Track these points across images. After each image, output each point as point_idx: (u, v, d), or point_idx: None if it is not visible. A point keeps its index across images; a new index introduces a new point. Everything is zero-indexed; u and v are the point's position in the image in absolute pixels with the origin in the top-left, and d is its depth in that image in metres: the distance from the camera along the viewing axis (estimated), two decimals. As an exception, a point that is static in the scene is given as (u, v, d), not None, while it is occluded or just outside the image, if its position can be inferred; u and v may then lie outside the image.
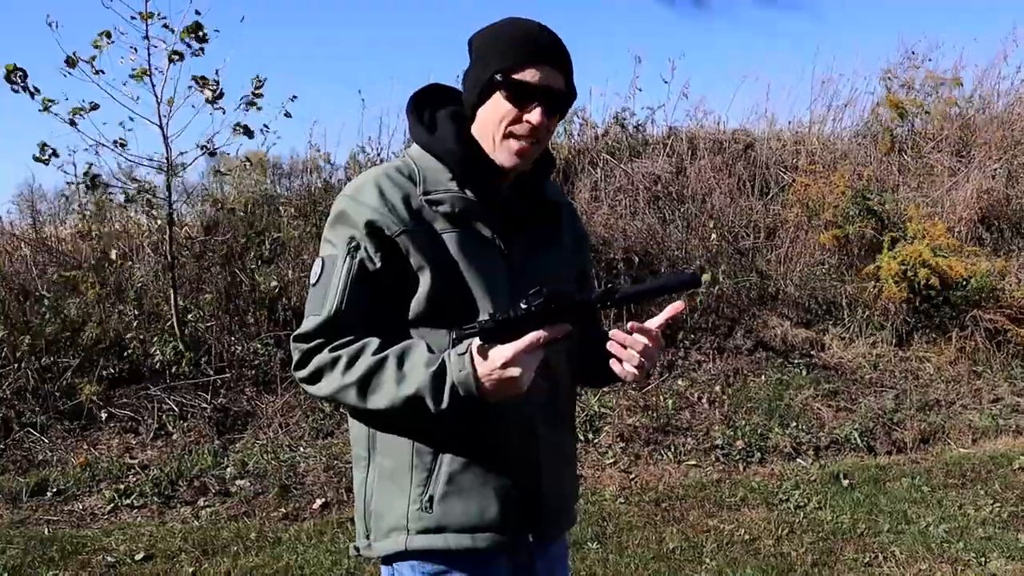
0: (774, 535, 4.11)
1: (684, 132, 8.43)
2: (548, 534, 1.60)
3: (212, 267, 6.17)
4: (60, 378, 5.36)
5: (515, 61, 1.44)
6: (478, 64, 1.50)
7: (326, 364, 1.42)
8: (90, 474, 4.76)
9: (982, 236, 7.67)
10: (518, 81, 1.44)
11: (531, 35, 1.46)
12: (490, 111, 1.48)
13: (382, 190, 1.46)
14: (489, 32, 1.50)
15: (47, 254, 6.46)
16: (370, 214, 1.44)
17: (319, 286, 1.46)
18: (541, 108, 1.44)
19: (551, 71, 1.45)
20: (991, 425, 5.71)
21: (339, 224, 1.48)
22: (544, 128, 1.47)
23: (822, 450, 5.33)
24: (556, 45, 1.47)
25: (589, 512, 4.38)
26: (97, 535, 4.14)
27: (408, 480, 1.48)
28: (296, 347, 1.47)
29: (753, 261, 7.22)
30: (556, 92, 1.47)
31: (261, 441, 5.13)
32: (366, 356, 1.40)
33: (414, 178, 1.49)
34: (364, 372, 1.39)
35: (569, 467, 1.68)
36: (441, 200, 1.47)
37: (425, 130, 1.54)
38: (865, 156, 8.36)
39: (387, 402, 1.37)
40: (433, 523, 1.47)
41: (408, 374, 1.37)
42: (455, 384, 1.34)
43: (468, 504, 1.47)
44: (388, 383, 1.37)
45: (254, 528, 4.23)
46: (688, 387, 5.92)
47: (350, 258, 1.44)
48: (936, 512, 4.37)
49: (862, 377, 6.23)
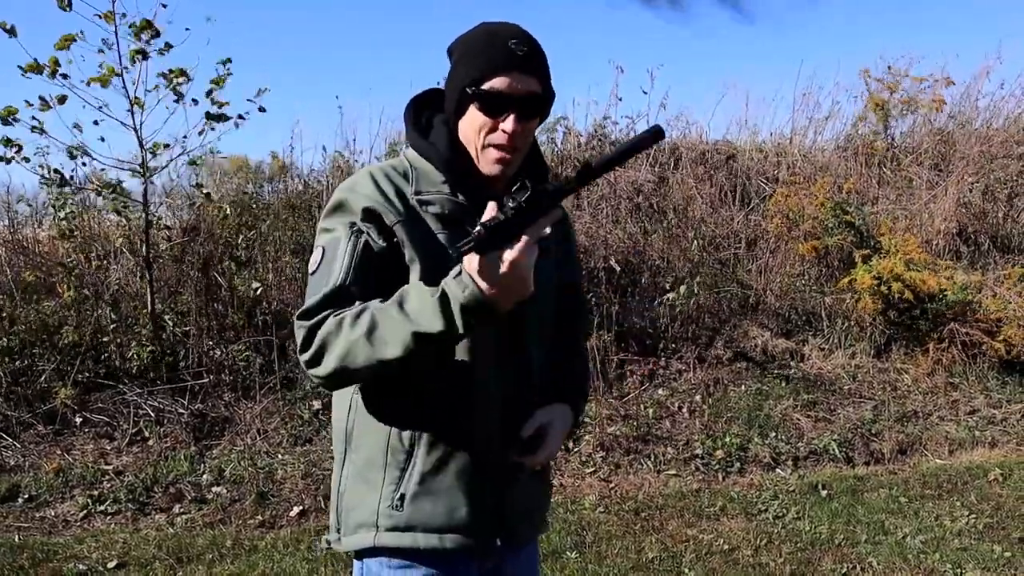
0: (753, 545, 4.12)
1: (667, 142, 8.47)
2: (517, 540, 1.61)
3: (191, 270, 6.11)
4: (35, 382, 5.27)
5: (484, 71, 1.43)
6: (453, 75, 1.50)
7: (331, 330, 1.38)
8: (63, 480, 4.68)
9: (959, 250, 7.75)
10: (488, 92, 1.43)
11: (499, 42, 1.44)
12: (467, 122, 1.48)
13: (378, 182, 1.48)
14: (462, 40, 1.50)
15: (23, 256, 6.37)
16: (369, 202, 1.45)
17: (321, 270, 1.45)
18: (515, 116, 1.44)
19: (523, 76, 1.44)
20: (967, 437, 5.76)
21: (338, 213, 1.48)
22: (520, 135, 1.46)
23: (801, 460, 5.35)
24: (527, 49, 1.45)
25: (568, 521, 4.37)
26: (69, 543, 4.07)
27: (381, 477, 1.49)
28: (300, 325, 1.42)
29: (734, 271, 7.25)
30: (529, 97, 1.45)
31: (238, 447, 5.08)
32: (369, 309, 1.37)
33: (408, 176, 1.52)
34: (371, 322, 1.35)
35: (540, 475, 1.68)
36: (432, 201, 1.49)
37: (420, 134, 1.55)
38: (846, 169, 8.44)
39: (400, 345, 1.33)
40: (403, 521, 1.48)
41: (414, 312, 1.33)
42: (464, 305, 1.30)
43: (437, 505, 1.48)
44: (397, 324, 1.33)
45: (230, 536, 4.17)
46: (668, 397, 5.93)
47: (354, 238, 1.44)
48: (913, 523, 4.40)
49: (841, 388, 6.27)
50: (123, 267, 6.19)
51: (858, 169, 8.45)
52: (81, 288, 5.81)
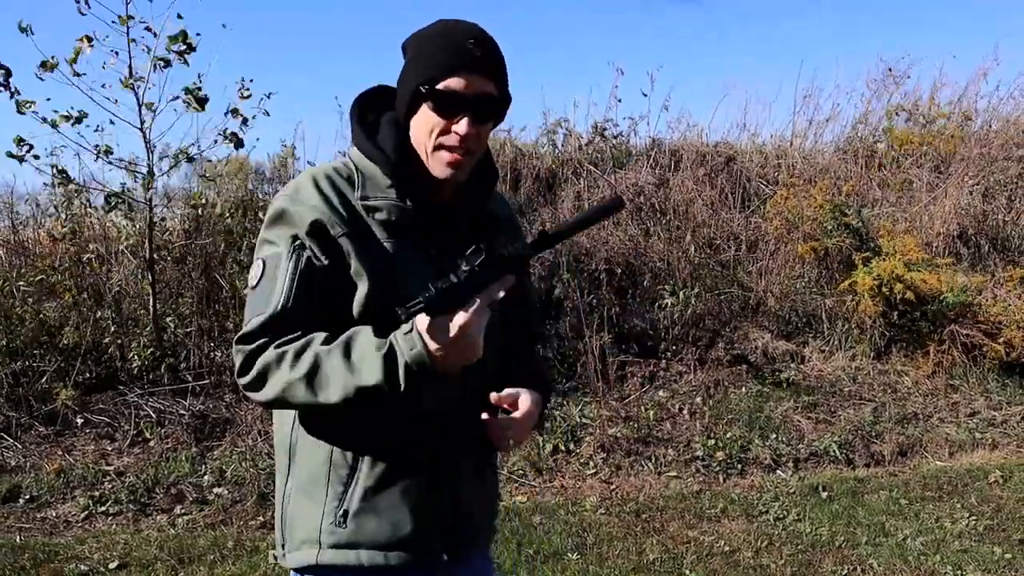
0: (754, 547, 4.12)
1: (667, 144, 8.48)
2: (463, 553, 1.56)
3: (192, 272, 6.11)
4: (36, 383, 5.28)
5: (439, 70, 1.37)
6: (406, 73, 1.43)
7: (271, 362, 1.33)
8: (64, 481, 4.68)
9: (960, 252, 7.76)
10: (443, 91, 1.37)
11: (456, 41, 1.38)
12: (419, 123, 1.42)
13: (322, 190, 1.41)
14: (418, 37, 1.43)
15: (24, 256, 6.37)
16: (313, 213, 1.38)
17: (261, 287, 1.39)
18: (469, 118, 1.38)
19: (478, 78, 1.38)
20: (968, 438, 5.77)
21: (279, 224, 1.41)
22: (474, 137, 1.40)
23: (801, 462, 5.36)
24: (484, 49, 1.39)
25: (569, 523, 4.37)
26: (71, 543, 4.08)
27: (324, 493, 1.45)
28: (239, 350, 1.38)
29: (734, 273, 7.26)
30: (484, 99, 1.39)
31: (240, 448, 5.08)
32: (313, 347, 1.32)
33: (353, 180, 1.44)
34: (312, 365, 1.31)
35: (486, 486, 1.63)
36: (379, 207, 1.42)
37: (366, 134, 1.48)
38: (846, 171, 8.44)
39: (340, 394, 1.30)
40: (345, 538, 1.44)
41: (359, 362, 1.29)
42: (408, 364, 1.27)
43: (382, 521, 1.44)
44: (339, 373, 1.30)
45: (231, 537, 4.18)
46: (669, 398, 5.94)
47: (296, 255, 1.37)
48: (913, 525, 4.41)
49: (841, 390, 6.27)
50: (125, 268, 6.20)
51: (858, 171, 8.46)
52: (82, 289, 5.82)
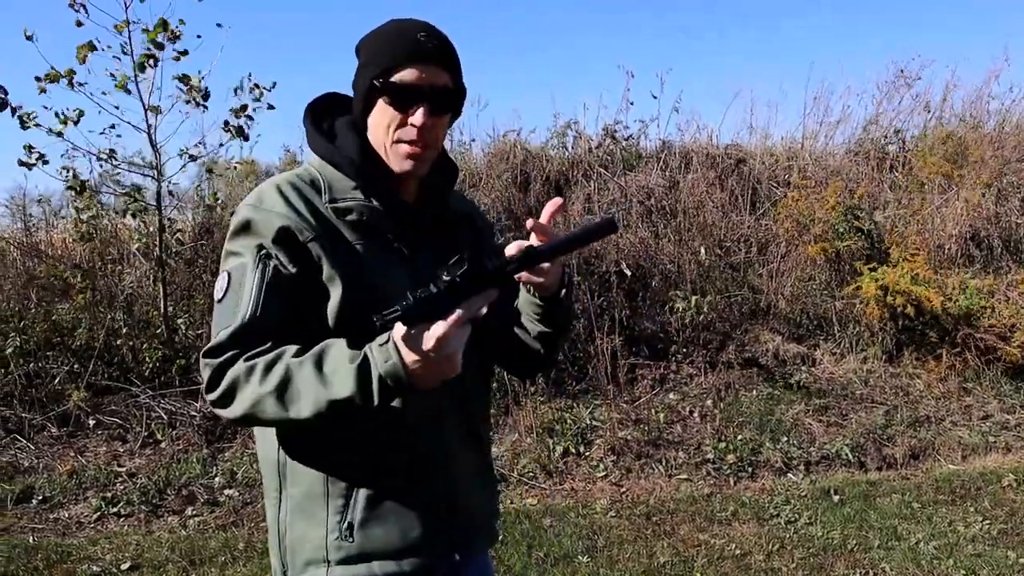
0: (765, 550, 4.11)
1: (677, 146, 8.47)
2: (472, 552, 1.55)
3: (203, 273, 6.14)
4: (48, 384, 5.31)
5: (392, 63, 1.37)
6: (361, 71, 1.43)
7: (240, 376, 1.29)
8: (77, 482, 4.71)
9: (972, 254, 7.71)
10: (397, 84, 1.37)
11: (407, 35, 1.39)
12: (377, 118, 1.42)
13: (286, 196, 1.38)
14: (370, 36, 1.44)
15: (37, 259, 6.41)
16: (280, 220, 1.35)
17: (228, 299, 1.35)
18: (424, 108, 1.38)
19: (432, 68, 1.38)
20: (981, 442, 5.73)
21: (244, 234, 1.38)
22: (431, 129, 1.40)
23: (813, 465, 5.33)
24: (435, 41, 1.39)
25: (580, 525, 4.37)
26: (83, 544, 4.10)
27: (324, 509, 1.41)
28: (206, 364, 1.32)
29: (745, 276, 7.24)
30: (440, 90, 1.39)
31: (250, 450, 5.09)
32: (284, 360, 1.28)
33: (317, 186, 1.42)
34: (282, 378, 1.26)
35: (487, 484, 1.63)
36: (349, 208, 1.41)
37: (324, 140, 1.47)
38: (857, 173, 8.41)
39: (311, 408, 1.25)
40: (355, 551, 1.40)
41: (331, 374, 1.25)
42: (382, 376, 1.23)
43: (389, 528, 1.41)
44: (310, 387, 1.26)
45: (242, 538, 4.19)
46: (680, 401, 5.92)
47: (262, 265, 1.34)
48: (926, 528, 4.38)
49: (853, 393, 6.24)
50: (136, 270, 6.23)
51: (870, 173, 8.42)
52: (95, 291, 5.85)
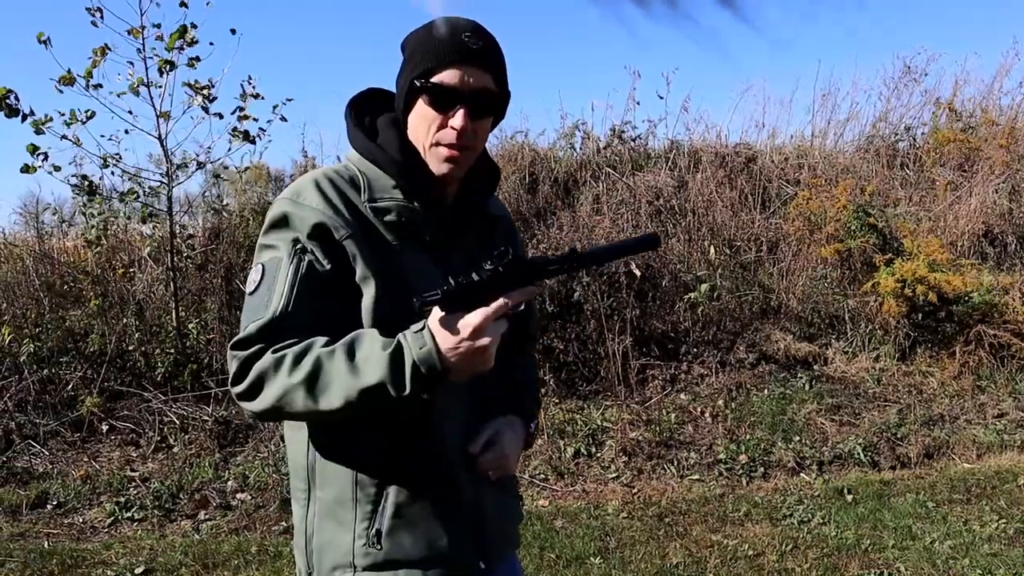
0: (778, 551, 4.08)
1: (686, 146, 8.45)
2: (495, 560, 1.54)
3: (214, 278, 6.17)
4: (62, 390, 5.34)
5: (435, 63, 1.35)
6: (404, 68, 1.41)
7: (268, 368, 1.27)
8: (91, 487, 4.74)
9: (985, 251, 7.66)
10: (438, 84, 1.35)
11: (453, 35, 1.36)
12: (417, 118, 1.40)
13: (324, 192, 1.36)
14: (415, 33, 1.41)
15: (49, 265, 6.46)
16: (316, 216, 1.33)
17: (260, 292, 1.34)
18: (464, 111, 1.35)
19: (474, 70, 1.35)
20: (996, 440, 5.68)
21: (280, 228, 1.36)
22: (471, 132, 1.38)
23: (826, 465, 5.30)
24: (480, 43, 1.37)
25: (592, 527, 4.36)
26: (97, 548, 4.12)
27: (352, 514, 1.40)
28: (233, 356, 1.31)
29: (755, 275, 7.21)
30: (481, 92, 1.37)
31: (262, 454, 5.11)
32: (313, 351, 1.26)
33: (357, 183, 1.41)
34: (312, 368, 1.24)
35: (508, 491, 1.62)
36: (388, 208, 1.39)
37: (366, 136, 1.45)
38: (868, 170, 8.37)
39: (342, 398, 1.23)
40: (382, 558, 1.39)
41: (362, 363, 1.23)
42: (416, 363, 1.21)
43: (417, 536, 1.40)
44: (341, 376, 1.24)
45: (255, 542, 4.20)
46: (691, 401, 5.90)
47: (297, 259, 1.32)
48: (941, 528, 4.34)
49: (865, 391, 6.20)
50: (148, 276, 6.27)
51: (880, 171, 8.38)
52: (107, 296, 5.89)
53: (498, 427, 1.51)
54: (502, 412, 1.56)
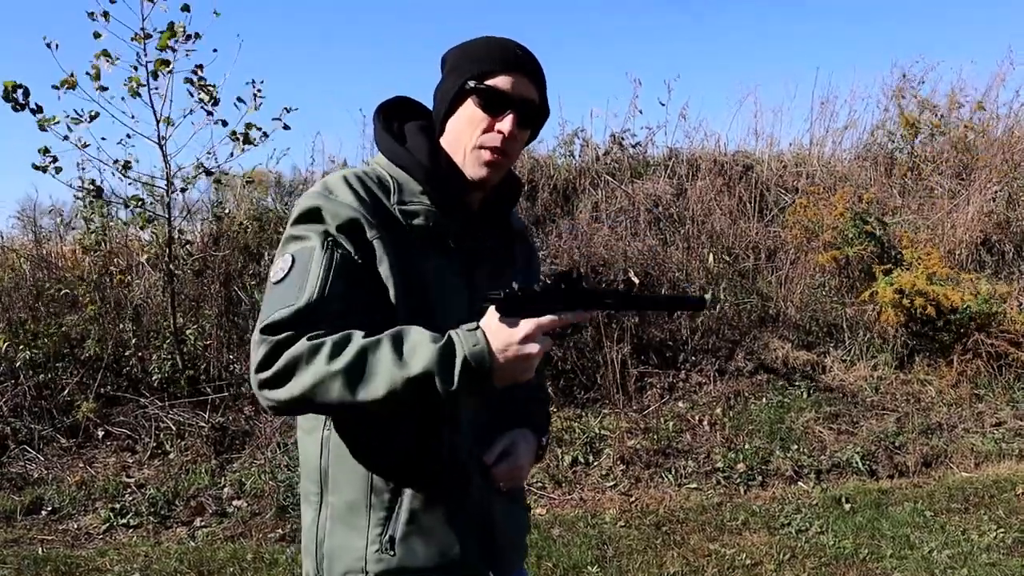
0: (776, 560, 4.07)
1: (685, 153, 8.46)
2: (505, 570, 1.55)
3: (211, 284, 6.16)
4: (58, 395, 5.33)
5: (490, 68, 1.39)
6: (451, 75, 1.44)
7: (303, 354, 1.23)
8: (86, 493, 4.72)
9: (983, 259, 7.67)
10: (491, 88, 1.39)
11: (504, 46, 1.42)
12: (462, 120, 1.42)
13: (355, 190, 1.36)
14: (462, 46, 1.46)
15: (47, 269, 6.45)
16: (349, 212, 1.33)
17: (290, 279, 1.30)
18: (513, 116, 1.39)
19: (525, 81, 1.41)
20: (994, 449, 5.67)
21: (310, 221, 1.35)
22: (515, 139, 1.42)
23: (824, 473, 5.29)
24: (531, 58, 1.44)
25: (589, 535, 4.34)
26: (92, 555, 4.10)
27: (366, 519, 1.39)
28: (263, 340, 1.26)
29: (754, 283, 7.21)
30: (530, 103, 1.42)
31: (259, 461, 5.09)
32: (355, 341, 1.24)
33: (385, 185, 1.41)
34: (355, 357, 1.22)
35: (518, 501, 1.63)
36: (416, 212, 1.40)
37: (395, 140, 1.46)
38: (866, 178, 8.38)
39: (386, 388, 1.21)
40: (395, 565, 1.39)
41: (410, 354, 1.23)
42: (467, 358, 1.22)
43: (430, 545, 1.40)
44: (386, 366, 1.22)
45: (251, 549, 4.18)
46: (689, 409, 5.89)
47: (330, 250, 1.31)
48: (939, 537, 4.33)
49: (863, 400, 6.20)
50: (145, 281, 6.26)
51: (878, 179, 8.39)
52: (104, 302, 5.87)
53: (514, 437, 1.53)
54: (515, 424, 1.56)
